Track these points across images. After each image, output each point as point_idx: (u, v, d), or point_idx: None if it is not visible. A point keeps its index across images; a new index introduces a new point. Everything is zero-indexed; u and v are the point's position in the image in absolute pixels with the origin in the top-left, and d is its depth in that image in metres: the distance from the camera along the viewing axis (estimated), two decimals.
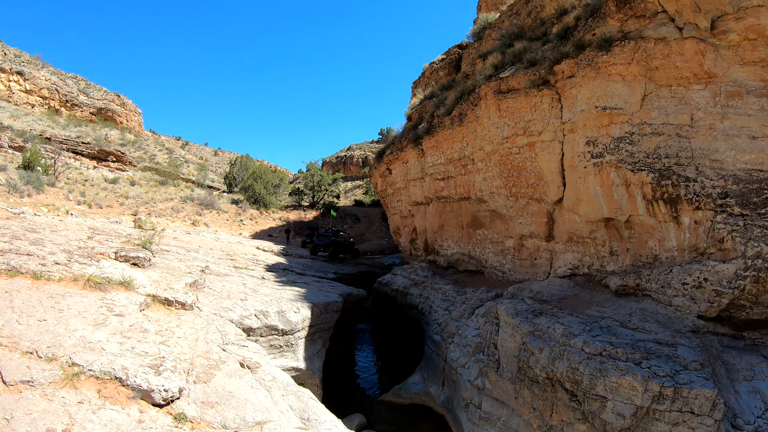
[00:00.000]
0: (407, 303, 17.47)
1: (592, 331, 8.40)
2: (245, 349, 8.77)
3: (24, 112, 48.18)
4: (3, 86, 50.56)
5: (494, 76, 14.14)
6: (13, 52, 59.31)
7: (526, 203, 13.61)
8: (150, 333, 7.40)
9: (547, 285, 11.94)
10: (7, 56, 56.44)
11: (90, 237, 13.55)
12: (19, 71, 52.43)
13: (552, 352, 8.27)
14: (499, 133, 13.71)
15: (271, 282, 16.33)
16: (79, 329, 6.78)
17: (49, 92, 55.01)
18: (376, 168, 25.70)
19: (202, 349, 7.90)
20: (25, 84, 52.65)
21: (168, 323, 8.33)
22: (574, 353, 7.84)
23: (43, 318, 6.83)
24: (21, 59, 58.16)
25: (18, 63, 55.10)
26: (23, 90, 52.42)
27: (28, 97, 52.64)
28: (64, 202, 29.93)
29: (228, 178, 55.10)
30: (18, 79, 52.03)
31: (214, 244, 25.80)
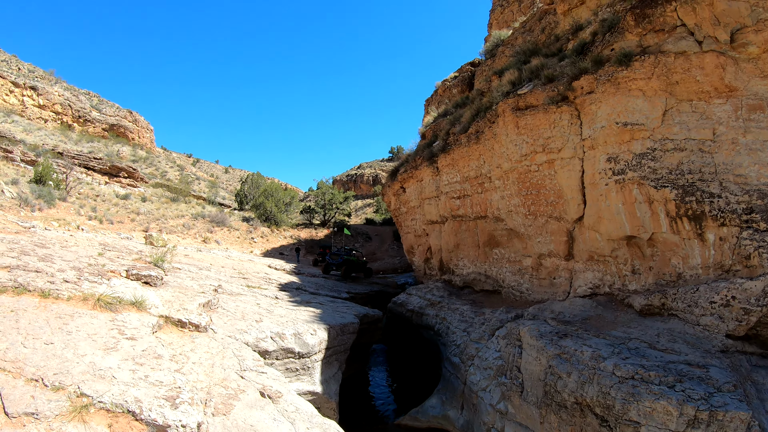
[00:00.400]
0: (423, 323, 17.24)
1: (621, 354, 8.18)
2: (264, 376, 8.47)
3: (37, 126, 48.76)
4: (17, 101, 51.25)
5: (512, 93, 14.07)
6: (27, 68, 60.39)
7: (545, 222, 13.45)
8: (164, 359, 7.07)
9: (569, 305, 11.72)
10: (21, 71, 57.45)
11: (101, 254, 13.37)
12: (32, 86, 53.22)
13: (581, 375, 8.06)
14: (518, 151, 13.60)
15: (285, 302, 16.18)
16: (89, 354, 6.40)
17: (62, 108, 55.71)
18: (390, 186, 25.63)
19: (219, 377, 7.58)
20: (38, 99, 53.37)
21: (182, 347, 8.04)
22: (605, 377, 7.63)
23: (50, 341, 6.46)
24: (35, 75, 59.19)
25: (32, 78, 56.04)
26: (36, 105, 53.14)
27: (41, 112, 53.34)
28: (75, 217, 30.12)
29: (239, 195, 55.27)
30: (32, 94, 52.78)
31: (226, 262, 25.77)
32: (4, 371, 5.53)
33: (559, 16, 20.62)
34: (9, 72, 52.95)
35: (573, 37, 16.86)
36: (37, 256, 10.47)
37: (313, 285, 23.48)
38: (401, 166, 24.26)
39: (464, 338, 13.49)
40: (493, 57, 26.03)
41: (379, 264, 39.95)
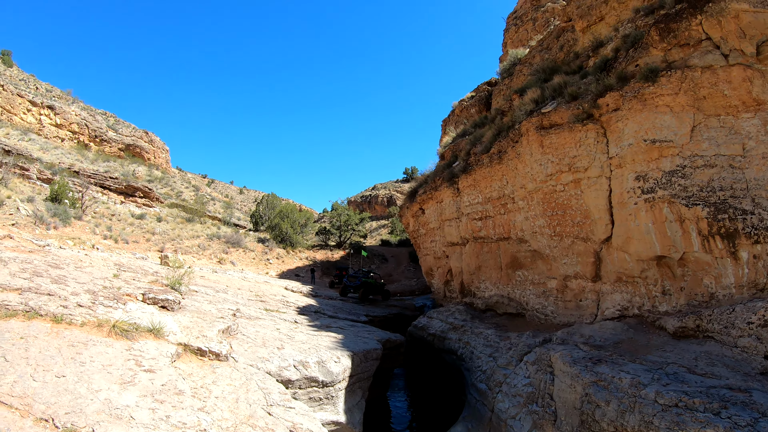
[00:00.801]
0: (445, 348, 16.94)
1: (661, 380, 7.91)
2: (292, 412, 8.21)
3: (53, 145, 49.42)
4: (34, 119, 52.12)
5: (535, 112, 13.98)
6: (44, 87, 61.55)
7: (572, 243, 13.26)
8: (186, 395, 6.74)
9: (599, 329, 11.45)
10: (39, 90, 58.56)
11: (116, 275, 13.17)
12: (50, 105, 54.14)
13: (621, 404, 7.78)
14: (543, 170, 13.46)
15: (304, 326, 15.98)
16: (104, 389, 6.01)
17: (78, 127, 56.54)
18: (408, 208, 25.48)
19: (245, 413, 7.24)
20: (55, 118, 54.25)
21: (203, 378, 7.73)
22: (647, 405, 7.36)
23: (62, 373, 6.06)
24: (52, 94, 60.32)
25: (49, 97, 57.07)
26: (54, 124, 53.99)
27: (58, 131, 54.18)
28: (91, 236, 30.32)
29: (254, 216, 55.38)
30: (49, 113, 53.67)
31: (242, 284, 25.68)
32: (11, 409, 5.16)
33: (578, 33, 20.62)
34: (27, 91, 53.95)
35: (594, 54, 16.80)
36: (50, 277, 10.13)
37: (331, 308, 23.30)
38: (420, 187, 24.14)
39: (490, 364, 13.21)
40: (510, 76, 26.00)
41: (396, 286, 39.71)
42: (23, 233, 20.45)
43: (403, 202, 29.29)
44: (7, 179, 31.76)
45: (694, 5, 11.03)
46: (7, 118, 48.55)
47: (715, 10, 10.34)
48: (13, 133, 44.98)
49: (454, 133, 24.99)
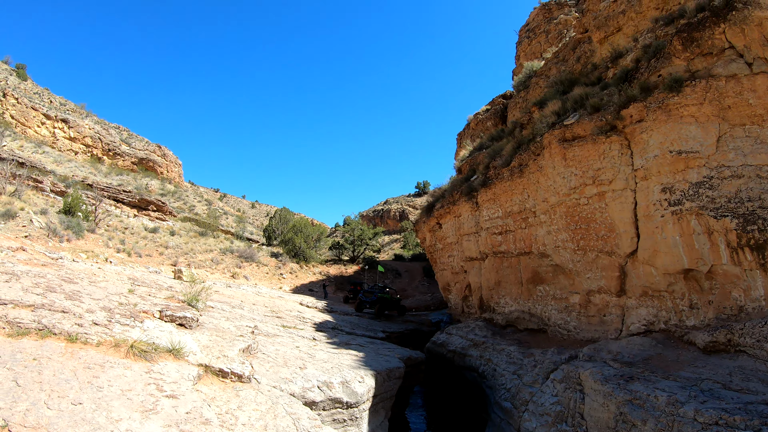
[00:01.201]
0: (466, 365, 16.72)
1: (698, 397, 7.74)
2: None
3: (67, 158, 49.77)
4: (48, 133, 52.64)
5: (557, 124, 13.92)
6: (58, 101, 62.13)
7: (596, 257, 13.12)
8: (213, 425, 6.38)
9: (626, 345, 11.27)
10: (53, 104, 59.06)
11: (131, 290, 12.99)
12: (64, 119, 54.62)
13: (658, 423, 7.61)
14: (566, 184, 13.37)
15: (323, 344, 15.81)
16: (125, 418, 5.56)
17: (92, 140, 56.98)
18: (425, 222, 25.34)
19: None
20: (69, 131, 54.70)
21: (227, 403, 7.43)
22: (686, 424, 7.19)
23: (78, 400, 5.59)
24: (66, 108, 60.80)
25: (63, 111, 57.54)
26: (67, 137, 54.45)
27: (71, 144, 54.59)
28: (104, 249, 30.41)
29: (267, 230, 55.42)
30: (63, 126, 54.13)
31: (257, 299, 25.62)
32: None
33: (595, 44, 20.60)
34: (41, 104, 54.52)
35: (613, 65, 16.76)
36: (64, 293, 9.77)
37: (348, 324, 23.16)
38: (436, 202, 24.04)
39: (515, 381, 12.99)
40: (526, 88, 25.96)
41: (411, 301, 39.50)
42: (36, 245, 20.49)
43: (419, 216, 29.17)
44: (20, 191, 31.98)
45: (717, 14, 11.02)
46: (21, 130, 49.06)
47: (738, 19, 10.35)
48: (27, 145, 45.44)
49: (471, 147, 24.90)
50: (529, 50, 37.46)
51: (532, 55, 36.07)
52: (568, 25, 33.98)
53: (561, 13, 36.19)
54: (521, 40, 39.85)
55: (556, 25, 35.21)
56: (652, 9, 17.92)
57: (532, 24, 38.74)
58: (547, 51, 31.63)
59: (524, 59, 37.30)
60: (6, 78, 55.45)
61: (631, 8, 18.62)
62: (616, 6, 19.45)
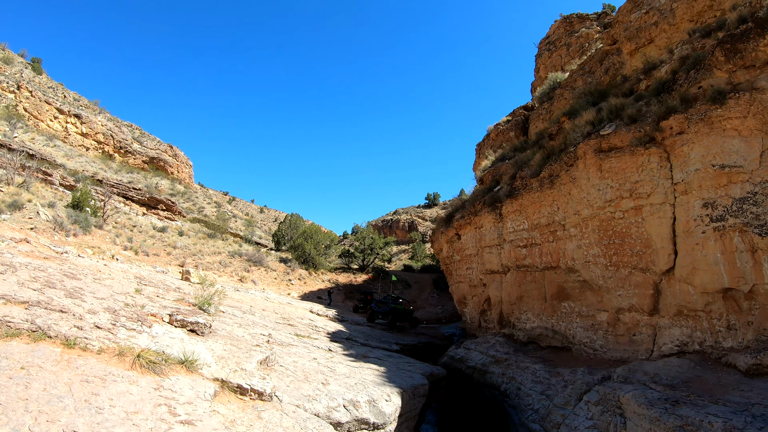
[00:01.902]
0: (486, 382, 16.16)
1: (754, 423, 7.31)
2: None
3: (78, 152, 50.00)
4: (60, 127, 52.90)
5: (593, 134, 13.48)
6: (72, 96, 62.78)
7: (629, 273, 12.67)
8: None
9: (663, 366, 10.81)
10: (67, 99, 59.65)
11: (138, 290, 12.37)
12: (77, 114, 55.01)
13: None
14: (601, 196, 12.93)
15: (340, 356, 15.24)
16: None
17: (104, 137, 57.31)
18: (443, 233, 24.79)
19: None
20: (81, 127, 55.07)
21: (250, 428, 6.66)
22: None
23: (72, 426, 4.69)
24: (80, 103, 61.45)
25: (76, 106, 58.11)
26: (79, 133, 54.79)
27: (83, 140, 54.93)
28: (111, 245, 30.16)
29: (276, 235, 54.94)
30: (75, 121, 54.48)
31: (266, 305, 25.18)
32: None
33: (625, 56, 20.37)
34: (55, 99, 54.90)
35: (646, 77, 16.49)
36: (64, 289, 8.99)
37: (362, 335, 22.66)
38: (456, 212, 23.52)
39: (544, 402, 12.42)
40: (550, 100, 25.75)
41: (421, 313, 38.77)
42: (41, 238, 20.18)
43: (436, 226, 28.76)
44: (29, 183, 31.79)
45: (762, 25, 10.80)
46: (34, 124, 49.17)
47: None
48: (38, 138, 45.52)
49: (493, 157, 24.60)
50: (549, 63, 37.55)
51: (553, 68, 36.23)
52: (590, 38, 34.03)
53: (582, 27, 36.37)
54: (541, 52, 40.05)
55: (578, 39, 35.32)
56: (686, 21, 17.66)
57: (552, 37, 38.97)
58: (569, 63, 31.69)
59: (544, 72, 37.58)
60: (21, 71, 55.87)
61: (664, 20, 18.37)
62: (648, 18, 19.20)
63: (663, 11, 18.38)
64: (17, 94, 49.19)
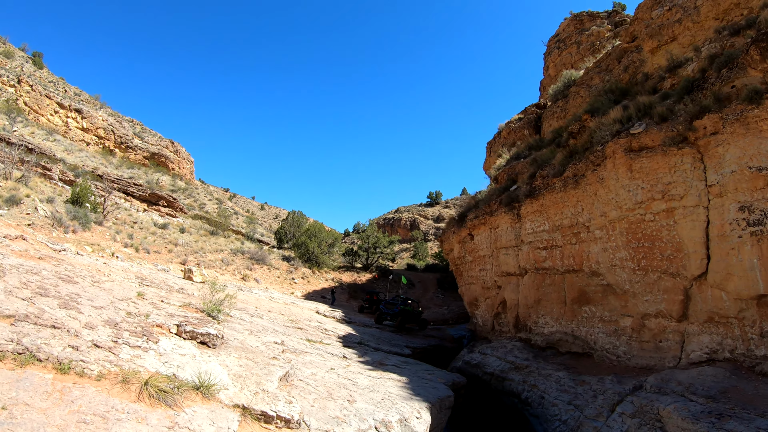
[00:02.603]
0: (505, 389, 15.70)
1: None
2: None
3: (78, 147, 49.48)
4: (61, 122, 52.48)
5: (623, 132, 12.99)
6: (73, 90, 62.60)
7: (658, 278, 12.29)
8: None
9: (697, 375, 10.44)
10: (68, 93, 59.36)
11: (140, 294, 11.45)
12: (77, 109, 54.53)
13: None
14: (630, 197, 12.54)
15: (356, 363, 14.59)
16: None
17: (105, 132, 56.84)
18: (455, 233, 24.30)
19: None
20: (82, 122, 54.60)
21: None
22: None
23: None
24: (81, 98, 61.13)
25: (77, 101, 57.66)
26: (80, 128, 54.32)
27: (84, 134, 54.46)
28: (111, 242, 29.67)
29: (279, 233, 54.46)
30: (76, 116, 53.98)
31: (272, 306, 24.68)
32: None
33: (645, 54, 19.94)
34: (55, 93, 54.52)
35: (671, 75, 16.19)
36: (58, 297, 7.93)
37: (372, 338, 22.15)
38: (469, 211, 23.03)
39: (573, 413, 11.90)
40: (565, 97, 25.26)
41: (427, 314, 38.20)
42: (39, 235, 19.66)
43: (446, 226, 28.31)
44: (27, 178, 31.29)
45: None
46: (34, 118, 48.76)
47: None
48: (38, 132, 45.03)
49: (508, 155, 24.23)
50: (559, 61, 37.44)
51: (563, 66, 36.16)
52: (601, 36, 33.87)
53: (593, 25, 36.29)
54: (550, 50, 39.94)
55: (588, 37, 35.24)
56: (711, 19, 17.28)
57: (562, 35, 38.91)
58: (581, 61, 31.51)
59: (554, 70, 37.55)
60: (22, 65, 55.55)
61: (688, 17, 17.96)
62: (671, 15, 18.78)
63: (686, 8, 17.96)
64: (18, 88, 48.76)
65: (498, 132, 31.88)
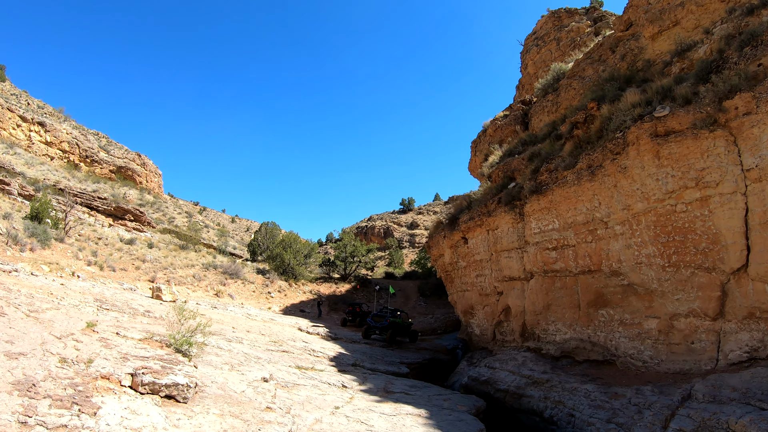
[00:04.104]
0: (523, 407, 14.17)
1: None
2: None
3: (39, 161, 47.78)
4: (23, 135, 50.93)
5: (646, 116, 11.80)
6: (36, 103, 61.39)
7: (691, 274, 11.37)
8: None
9: (751, 378, 9.45)
10: (31, 106, 57.90)
11: (91, 325, 9.51)
12: (41, 122, 52.99)
13: None
14: (660, 187, 11.58)
15: (359, 394, 12.75)
16: None
17: (69, 146, 55.22)
18: (446, 237, 23.01)
19: None
20: (45, 135, 53.05)
21: None
22: None
23: None
24: (44, 111, 59.95)
25: (41, 114, 56.33)
26: (43, 141, 52.71)
27: (47, 149, 52.90)
28: (72, 261, 27.92)
29: (252, 245, 52.73)
30: (39, 129, 52.38)
31: (250, 324, 23.13)
32: None
33: (644, 41, 19.25)
34: (18, 106, 53.08)
35: (679, 59, 15.53)
36: None
37: (365, 357, 20.65)
38: (461, 213, 21.76)
39: None
40: (555, 91, 24.41)
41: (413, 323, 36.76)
42: None
43: (433, 230, 27.20)
44: None
45: None
46: None
47: None
48: None
49: (501, 152, 23.10)
50: (538, 58, 37.58)
51: (542, 63, 36.06)
52: (581, 32, 33.87)
53: (572, 21, 36.51)
54: (528, 48, 40.28)
55: (568, 33, 35.45)
56: (716, 1, 16.58)
57: (540, 32, 39.36)
58: (564, 57, 31.34)
59: (533, 67, 37.42)
60: None
61: (691, 1, 17.30)
62: None
63: None
64: None
65: (483, 130, 30.95)
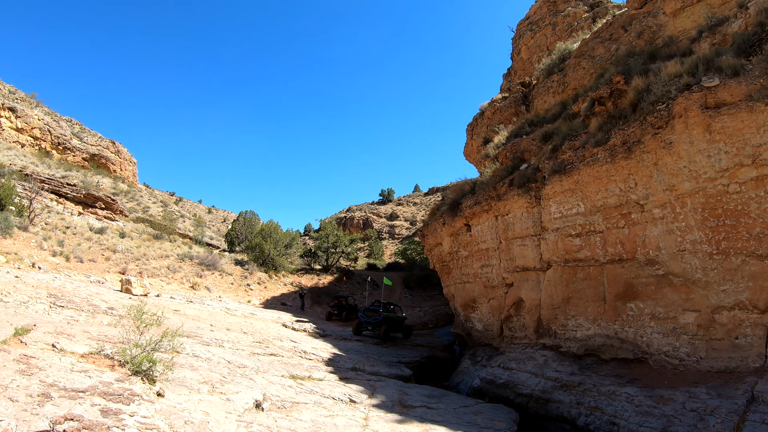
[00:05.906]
0: (550, 414, 13.01)
1: None
2: None
3: (6, 146, 45.28)
4: None
5: (695, 86, 10.76)
6: (8, 89, 59.22)
7: (742, 262, 10.51)
8: None
9: None
10: (2, 92, 55.49)
11: (22, 331, 7.41)
12: (11, 107, 50.94)
13: None
14: (712, 164, 10.70)
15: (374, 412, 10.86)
16: None
17: (41, 132, 53.27)
18: (447, 224, 21.82)
19: None
20: (16, 121, 50.95)
21: None
22: None
23: None
24: (15, 96, 57.58)
25: (12, 99, 53.98)
26: (14, 128, 50.61)
27: (18, 135, 50.81)
28: (36, 251, 26.45)
29: (230, 235, 51.21)
30: (9, 115, 50.24)
31: (229, 321, 21.76)
32: None
33: (664, 18, 18.31)
34: None
35: (710, 34, 14.57)
36: None
37: (362, 357, 19.35)
38: (464, 198, 20.52)
39: None
40: (561, 71, 23.61)
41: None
42: None
43: (430, 217, 26.31)
44: None
45: None
46: None
47: None
48: None
49: (506, 133, 21.89)
50: (533, 43, 37.46)
51: (537, 48, 35.84)
52: (578, 17, 33.65)
53: (568, 6, 36.26)
54: (521, 33, 40.34)
55: (565, 18, 35.40)
56: None
57: (534, 17, 39.31)
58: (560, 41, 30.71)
59: (526, 53, 37.18)
60: None
61: None
62: None
63: None
64: None
65: (480, 113, 30.01)
